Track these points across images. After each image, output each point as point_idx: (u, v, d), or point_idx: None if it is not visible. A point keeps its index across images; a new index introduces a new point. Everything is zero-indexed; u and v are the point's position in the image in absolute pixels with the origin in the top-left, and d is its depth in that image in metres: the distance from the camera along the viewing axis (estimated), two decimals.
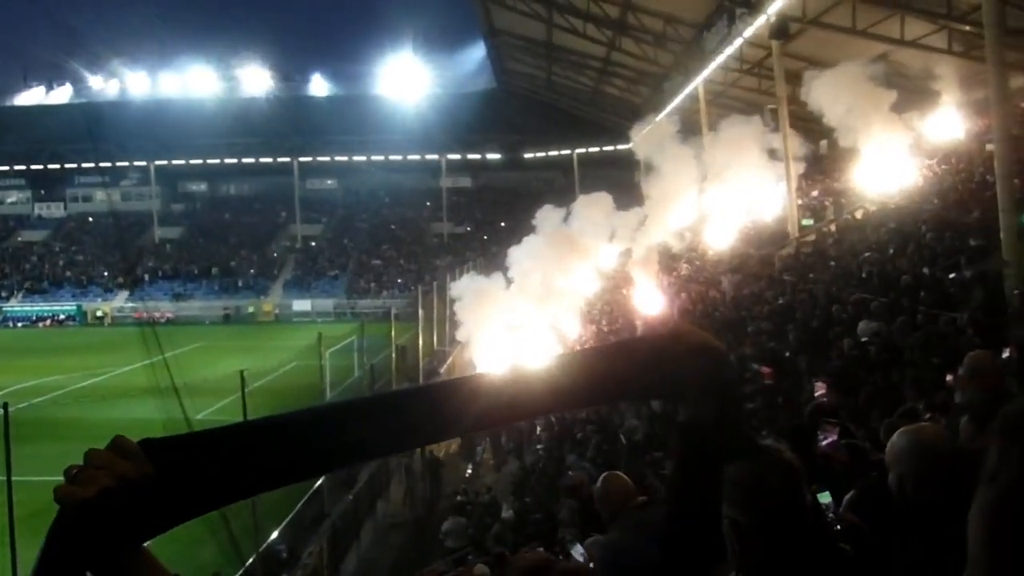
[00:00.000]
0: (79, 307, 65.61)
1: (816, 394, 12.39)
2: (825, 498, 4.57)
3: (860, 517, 4.02)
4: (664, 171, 34.53)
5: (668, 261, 36.47)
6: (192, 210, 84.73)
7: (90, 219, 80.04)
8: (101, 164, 78.37)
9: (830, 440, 6.46)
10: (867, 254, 22.49)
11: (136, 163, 79.94)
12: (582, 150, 72.48)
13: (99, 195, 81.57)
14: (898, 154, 29.47)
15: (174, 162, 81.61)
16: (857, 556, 2.99)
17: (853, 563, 2.88)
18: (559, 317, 31.72)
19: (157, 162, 79.37)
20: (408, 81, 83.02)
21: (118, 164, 79.42)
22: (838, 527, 4.29)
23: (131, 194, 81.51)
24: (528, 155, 78.93)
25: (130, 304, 64.39)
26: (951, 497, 3.00)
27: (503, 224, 68.27)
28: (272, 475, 1.46)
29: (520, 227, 35.48)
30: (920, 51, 29.37)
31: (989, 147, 19.74)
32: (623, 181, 34.85)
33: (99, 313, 64.64)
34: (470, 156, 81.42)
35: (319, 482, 18.70)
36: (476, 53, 75.07)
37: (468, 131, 78.37)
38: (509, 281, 32.06)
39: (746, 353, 18.07)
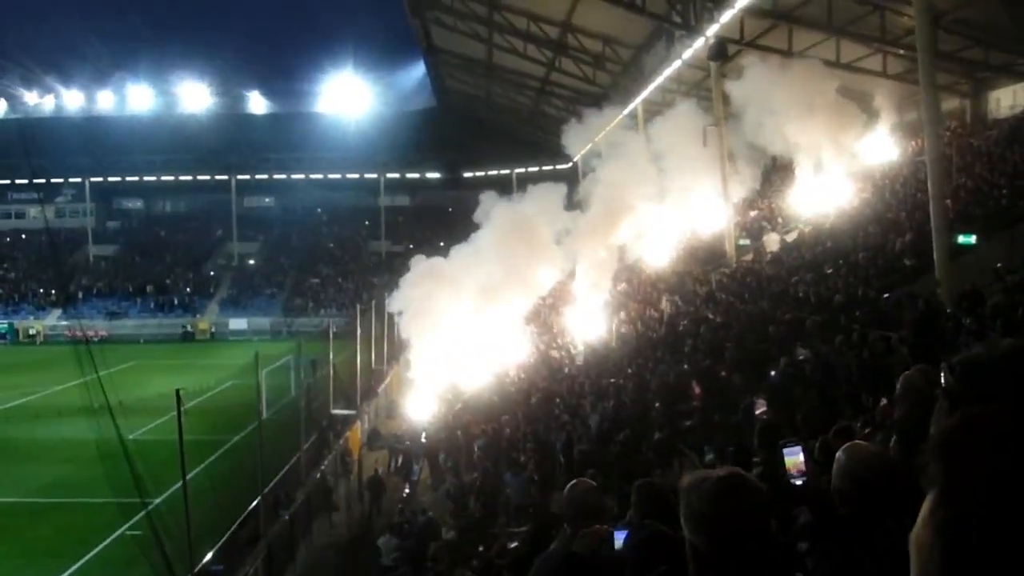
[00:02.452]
0: (10, 325, 64.14)
1: (757, 412, 12.51)
2: (795, 455, 4.49)
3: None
4: (607, 186, 34.67)
5: (624, 271, 36.79)
6: (127, 227, 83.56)
7: (23, 236, 78.48)
8: (35, 180, 76.78)
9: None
10: (795, 278, 22.74)
11: (71, 179, 78.74)
12: (521, 169, 72.35)
13: (32, 211, 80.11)
14: (835, 173, 29.98)
15: (109, 179, 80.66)
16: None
17: None
18: (501, 328, 31.65)
19: (92, 179, 78.21)
20: (347, 99, 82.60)
21: (52, 180, 78.06)
22: (798, 483, 4.28)
23: (65, 211, 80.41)
24: (467, 174, 78.76)
25: (63, 322, 62.92)
26: (865, 513, 3.06)
27: (442, 243, 67.76)
28: None
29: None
30: (856, 73, 30.01)
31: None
32: None
33: (31, 331, 63.25)
34: (409, 175, 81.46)
35: (254, 503, 18.39)
36: (416, 71, 74.82)
37: (407, 150, 78.29)
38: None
39: (683, 370, 18.21)
